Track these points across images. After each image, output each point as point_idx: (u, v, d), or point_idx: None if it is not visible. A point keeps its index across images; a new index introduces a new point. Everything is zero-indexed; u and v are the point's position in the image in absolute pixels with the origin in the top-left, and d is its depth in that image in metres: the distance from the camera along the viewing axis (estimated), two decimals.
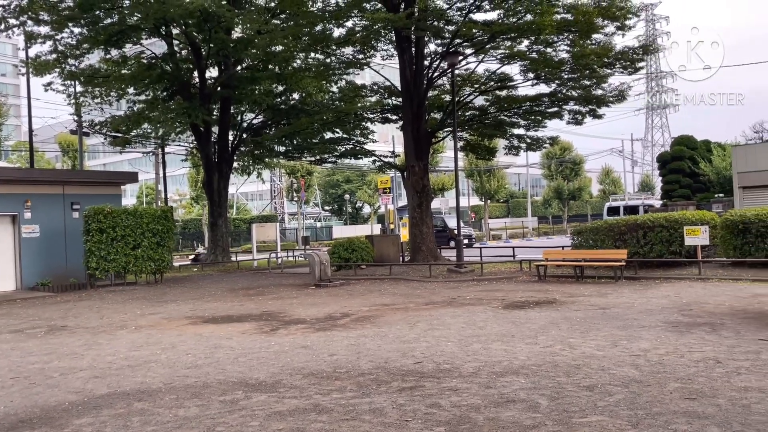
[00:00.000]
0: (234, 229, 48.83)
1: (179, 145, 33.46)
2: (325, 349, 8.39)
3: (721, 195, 33.16)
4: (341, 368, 7.18)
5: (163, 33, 24.64)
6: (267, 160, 31.09)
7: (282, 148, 28.62)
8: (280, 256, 27.10)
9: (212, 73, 27.83)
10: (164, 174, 35.35)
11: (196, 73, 26.58)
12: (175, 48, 26.30)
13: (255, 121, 29.24)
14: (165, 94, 26.37)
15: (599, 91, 21.80)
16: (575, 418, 4.97)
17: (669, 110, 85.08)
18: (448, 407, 5.43)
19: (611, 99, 21.85)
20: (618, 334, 8.36)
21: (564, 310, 10.72)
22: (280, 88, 26.83)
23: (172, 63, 25.37)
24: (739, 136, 45.34)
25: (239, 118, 29.24)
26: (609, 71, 20.77)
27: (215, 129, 27.56)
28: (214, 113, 27.11)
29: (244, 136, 28.49)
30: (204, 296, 16.02)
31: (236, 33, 24.80)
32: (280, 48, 22.36)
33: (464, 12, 20.07)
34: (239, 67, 26.19)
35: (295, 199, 53.38)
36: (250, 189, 72.23)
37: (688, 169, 39.37)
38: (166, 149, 34.80)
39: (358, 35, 20.54)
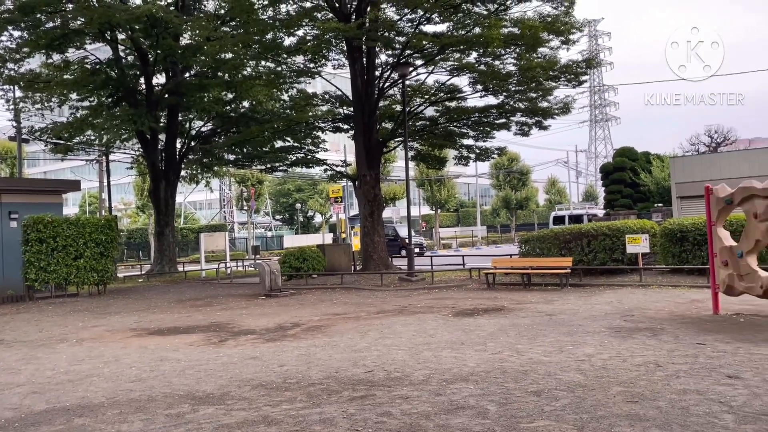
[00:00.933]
0: (182, 238, 47.79)
1: (125, 153, 32.58)
2: (275, 359, 8.29)
3: (660, 204, 34.43)
4: (291, 379, 7.11)
5: (108, 38, 24.01)
6: (216, 168, 30.61)
7: (232, 157, 28.23)
8: (230, 266, 26.66)
9: (160, 79, 27.26)
10: (108, 182, 34.32)
11: (142, 80, 25.98)
12: (121, 53, 25.67)
13: (204, 129, 28.75)
14: (110, 100, 25.65)
15: (545, 104, 22.41)
16: (523, 423, 5.06)
17: (611, 123, 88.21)
18: (399, 415, 5.44)
19: (556, 111, 22.49)
20: (564, 339, 8.56)
21: (512, 317, 10.91)
22: (230, 95, 26.49)
23: (117, 69, 24.74)
24: (676, 148, 47.33)
25: (188, 125, 28.70)
26: (554, 84, 21.39)
27: (162, 136, 26.98)
28: (162, 120, 26.54)
29: (193, 144, 27.98)
30: (150, 308, 15.59)
31: (185, 39, 24.39)
32: (229, 55, 22.11)
33: (415, 24, 20.33)
34: (188, 74, 25.75)
35: (245, 208, 52.69)
36: (198, 198, 70.85)
37: (629, 179, 40.76)
38: (111, 157, 33.83)
39: (309, 44, 20.54)
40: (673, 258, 15.38)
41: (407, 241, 21.18)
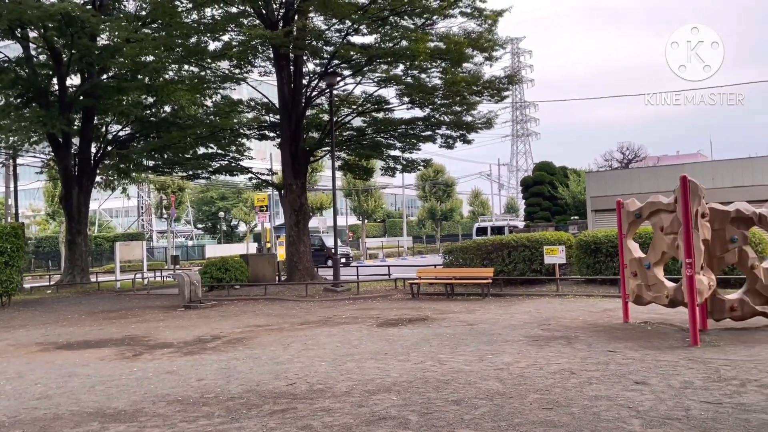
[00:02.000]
0: (95, 247, 45.60)
1: (34, 157, 30.74)
2: (193, 373, 8.01)
3: (576, 217, 35.97)
4: (210, 393, 6.89)
5: (19, 35, 22.68)
6: (134, 174, 29.41)
7: (151, 163, 27.22)
8: (147, 276, 25.63)
9: (75, 80, 25.98)
10: (15, 187, 32.31)
11: (55, 80, 24.68)
12: (33, 52, 24.30)
13: (122, 133, 27.59)
14: (19, 100, 24.18)
15: (469, 118, 22.97)
16: None
17: (532, 138, 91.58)
18: (320, 428, 5.37)
19: (480, 125, 23.09)
20: (484, 348, 8.74)
21: (435, 327, 11.05)
22: (150, 99, 25.57)
23: (28, 68, 23.39)
24: (592, 164, 49.60)
25: (104, 129, 27.46)
26: (478, 99, 21.96)
27: (76, 140, 25.70)
28: (76, 123, 25.29)
29: (109, 148, 26.78)
30: (59, 320, 14.76)
31: (102, 40, 23.38)
32: (150, 58, 21.36)
33: (343, 34, 20.37)
34: (105, 76, 24.66)
35: (165, 216, 50.89)
36: (115, 205, 67.92)
37: (547, 192, 42.35)
38: (19, 160, 31.85)
39: (234, 50, 20.17)
40: (588, 269, 16.06)
41: (333, 251, 21.09)
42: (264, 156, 48.62)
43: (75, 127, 25.03)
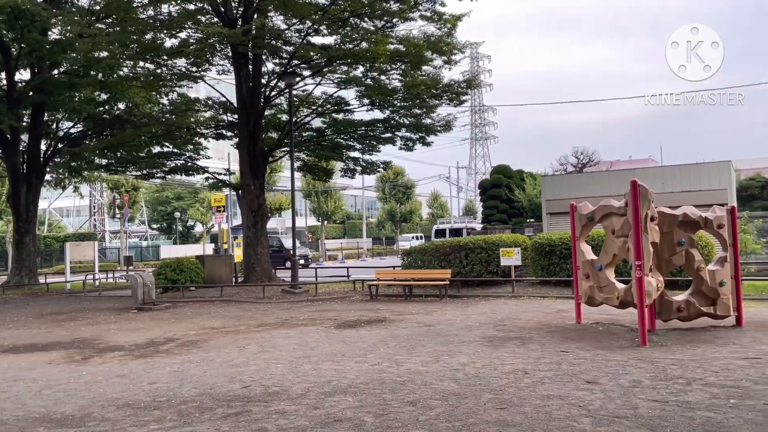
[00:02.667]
0: (45, 248, 44.15)
1: None
2: (145, 377, 7.84)
3: (532, 220, 36.57)
4: (161, 397, 6.75)
5: None
6: (86, 173, 28.61)
7: (104, 161, 26.51)
8: (98, 277, 24.94)
9: (24, 75, 25.13)
10: None
11: (4, 75, 23.81)
12: None
13: (73, 131, 26.79)
14: None
15: (428, 120, 23.13)
16: None
17: (490, 141, 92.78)
18: (275, 431, 5.32)
19: (439, 128, 23.28)
20: (441, 349, 8.81)
21: (393, 328, 11.08)
22: (104, 96, 24.91)
23: None
24: (547, 167, 50.50)
25: (55, 126, 26.63)
26: (437, 102, 22.13)
27: (25, 137, 24.85)
28: (25, 119, 24.46)
29: (60, 146, 25.99)
30: (4, 323, 14.24)
31: (54, 34, 22.65)
32: (104, 54, 20.81)
33: (303, 34, 20.26)
34: (56, 71, 23.92)
35: (118, 216, 49.63)
36: (65, 204, 65.92)
37: (504, 195, 42.91)
38: None
39: (191, 47, 19.84)
40: (542, 270, 16.35)
41: (292, 252, 20.91)
42: (222, 156, 47.95)
43: (24, 124, 24.22)
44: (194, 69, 21.89)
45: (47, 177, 26.86)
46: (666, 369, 7.06)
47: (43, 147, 25.52)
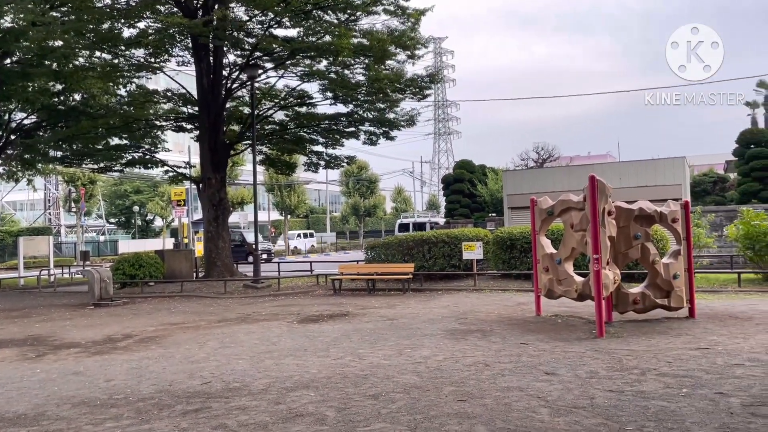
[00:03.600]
0: None
1: None
2: (101, 374, 7.67)
3: (494, 214, 37.00)
4: (119, 394, 6.61)
5: None
6: (40, 165, 27.71)
7: (59, 153, 25.73)
8: (54, 273, 24.27)
9: None
10: None
11: None
12: None
13: (27, 122, 25.89)
14: None
15: (392, 115, 23.13)
16: (360, 427, 5.14)
17: (453, 136, 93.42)
18: (235, 427, 5.27)
19: (402, 123, 23.30)
20: (403, 343, 8.85)
21: (356, 322, 11.08)
22: (59, 86, 24.12)
23: None
24: (509, 162, 51.15)
25: (7, 116, 25.69)
26: (401, 96, 22.14)
27: None
28: None
29: (13, 137, 25.10)
30: None
31: (6, 22, 21.83)
32: (59, 43, 20.16)
33: (265, 26, 20.00)
34: (8, 60, 23.06)
35: (74, 209, 48.32)
36: (19, 197, 63.88)
37: (467, 190, 43.30)
38: None
39: (150, 38, 19.37)
40: (504, 264, 16.57)
41: (254, 246, 20.70)
42: (182, 148, 47.12)
43: None
44: (153, 60, 21.38)
45: None
46: (622, 360, 7.24)
47: None
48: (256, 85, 20.84)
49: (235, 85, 22.01)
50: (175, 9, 19.83)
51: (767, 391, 5.71)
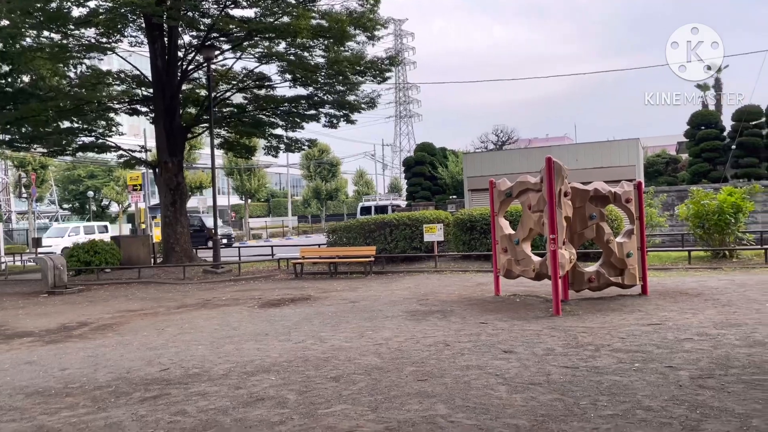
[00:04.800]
0: None
1: None
2: (56, 363, 7.50)
3: (455, 197, 37.30)
4: (74, 383, 6.47)
5: None
6: None
7: (7, 137, 24.79)
8: (5, 261, 23.52)
9: None
10: None
11: None
12: None
13: None
14: None
15: (352, 97, 22.99)
16: (321, 409, 5.16)
17: (414, 119, 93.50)
18: (195, 413, 5.23)
19: (363, 105, 23.19)
20: (365, 325, 8.90)
21: (317, 306, 11.08)
22: (6, 68, 23.18)
23: None
24: (469, 145, 51.50)
25: None
26: (361, 79, 22.01)
27: None
28: None
29: None
30: None
31: None
32: (5, 23, 19.33)
33: (221, 6, 19.57)
34: None
35: (25, 195, 46.74)
36: None
37: (428, 173, 43.47)
38: None
39: (101, 17, 18.75)
40: (464, 245, 16.76)
41: (214, 231, 20.44)
42: (138, 132, 45.93)
43: None
44: (105, 40, 20.72)
45: None
46: (577, 337, 7.43)
47: None
48: (213, 66, 20.43)
49: (191, 67, 21.53)
50: None
51: (714, 364, 5.95)
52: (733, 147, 30.38)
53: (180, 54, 21.04)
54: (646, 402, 4.93)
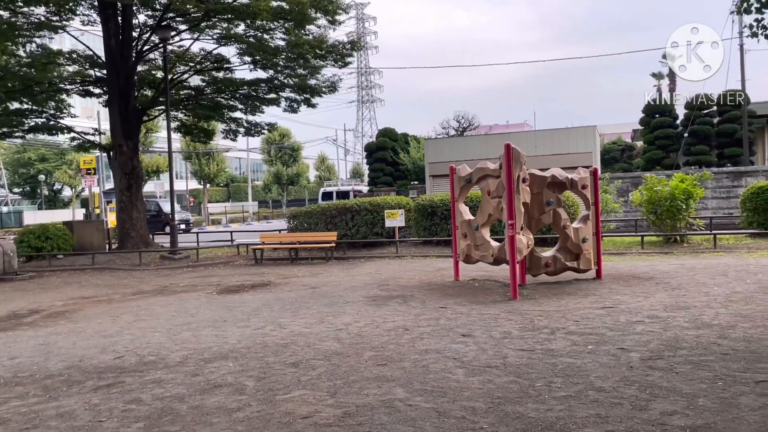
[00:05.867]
0: None
1: None
2: (5, 351, 7.28)
3: (416, 182, 37.46)
4: (24, 372, 6.29)
5: None
6: None
7: None
8: None
9: None
10: None
11: None
12: None
13: None
14: None
15: (313, 81, 22.72)
16: (279, 395, 5.14)
17: (377, 104, 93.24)
18: (150, 401, 5.15)
19: (324, 89, 22.94)
20: (325, 311, 8.88)
21: (277, 292, 11.01)
22: None
23: None
24: (430, 131, 51.74)
25: None
26: (322, 63, 21.75)
27: None
28: None
29: None
30: None
31: None
32: None
33: None
34: None
35: None
36: None
37: (390, 158, 43.54)
38: None
39: None
40: (425, 231, 16.86)
41: (171, 216, 20.04)
42: (91, 114, 44.58)
43: None
44: (55, 18, 19.95)
45: None
46: (533, 320, 7.57)
47: None
48: (170, 48, 19.91)
49: (146, 48, 20.93)
50: None
51: (664, 346, 6.14)
52: (686, 135, 31.27)
53: (135, 34, 20.44)
54: (598, 383, 5.06)
